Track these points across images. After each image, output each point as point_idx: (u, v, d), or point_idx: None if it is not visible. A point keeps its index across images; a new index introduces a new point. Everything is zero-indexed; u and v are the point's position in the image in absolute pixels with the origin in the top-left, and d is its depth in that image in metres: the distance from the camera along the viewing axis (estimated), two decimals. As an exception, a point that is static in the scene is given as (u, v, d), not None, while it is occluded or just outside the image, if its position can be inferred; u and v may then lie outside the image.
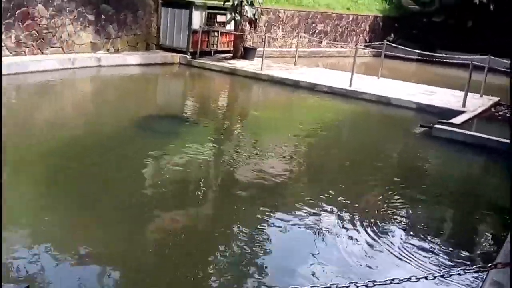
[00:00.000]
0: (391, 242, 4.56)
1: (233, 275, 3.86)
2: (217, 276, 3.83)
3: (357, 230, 4.71)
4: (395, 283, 2.53)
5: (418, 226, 5.03)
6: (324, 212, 5.08)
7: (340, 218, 4.99)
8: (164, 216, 4.76)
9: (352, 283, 2.46)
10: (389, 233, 4.77)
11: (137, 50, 14.01)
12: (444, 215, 5.62)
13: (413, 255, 4.33)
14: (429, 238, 4.73)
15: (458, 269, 2.76)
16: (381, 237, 4.61)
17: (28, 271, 3.57)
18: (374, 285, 2.45)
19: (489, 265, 2.87)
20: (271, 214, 4.92)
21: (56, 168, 5.71)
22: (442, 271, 2.80)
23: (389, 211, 5.25)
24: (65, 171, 5.62)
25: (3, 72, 9.93)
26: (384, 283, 2.49)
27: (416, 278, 2.60)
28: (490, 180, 7.11)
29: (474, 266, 2.97)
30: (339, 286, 2.37)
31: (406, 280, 2.56)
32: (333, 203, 5.33)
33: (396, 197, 5.69)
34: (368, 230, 4.70)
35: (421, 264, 4.18)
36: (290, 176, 6.25)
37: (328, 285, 2.41)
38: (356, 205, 5.34)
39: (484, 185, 6.87)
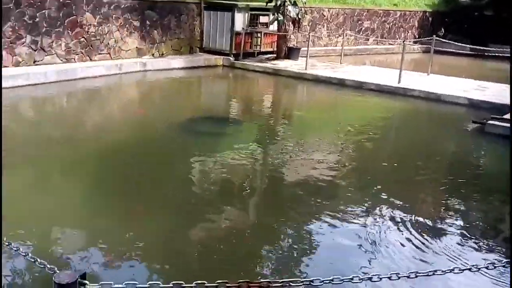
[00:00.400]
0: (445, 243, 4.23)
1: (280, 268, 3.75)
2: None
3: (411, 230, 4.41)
4: (437, 275, 2.39)
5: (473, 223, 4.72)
6: (376, 212, 4.78)
7: (394, 218, 4.67)
8: (212, 212, 4.69)
9: (394, 273, 2.34)
10: (443, 233, 4.44)
11: (181, 54, 14.07)
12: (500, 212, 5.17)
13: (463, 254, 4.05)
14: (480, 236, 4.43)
15: (503, 261, 2.54)
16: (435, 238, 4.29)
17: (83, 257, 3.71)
18: (417, 276, 2.34)
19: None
20: (321, 215, 4.66)
21: (108, 168, 5.83)
22: (486, 263, 2.59)
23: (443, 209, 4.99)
24: (118, 169, 5.77)
25: (54, 79, 10.20)
26: (427, 274, 2.36)
27: (459, 270, 2.45)
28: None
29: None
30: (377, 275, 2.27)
31: (448, 271, 2.39)
32: (384, 202, 5.00)
33: (449, 194, 5.43)
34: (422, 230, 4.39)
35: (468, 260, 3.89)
36: (340, 177, 5.91)
37: (350, 277, 2.27)
38: (409, 205, 4.99)
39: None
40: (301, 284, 2.34)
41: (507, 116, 8.38)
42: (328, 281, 2.17)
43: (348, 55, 17.23)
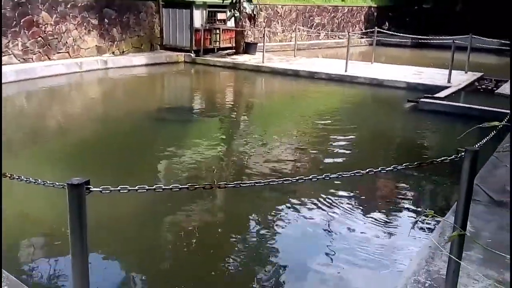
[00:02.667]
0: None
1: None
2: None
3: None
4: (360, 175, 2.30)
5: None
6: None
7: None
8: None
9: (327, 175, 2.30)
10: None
11: (142, 51, 13.61)
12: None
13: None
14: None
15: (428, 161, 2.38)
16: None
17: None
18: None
19: None
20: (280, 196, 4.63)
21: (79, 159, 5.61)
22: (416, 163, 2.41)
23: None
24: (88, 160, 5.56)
25: (13, 79, 9.59)
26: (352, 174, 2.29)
27: (383, 170, 2.30)
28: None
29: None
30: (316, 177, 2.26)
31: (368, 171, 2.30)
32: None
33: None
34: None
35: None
36: (295, 157, 5.99)
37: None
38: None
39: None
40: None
41: (438, 94, 9.23)
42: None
43: (302, 50, 17.26)
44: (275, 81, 12.28)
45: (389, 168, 2.29)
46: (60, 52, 11.52)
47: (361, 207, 4.50)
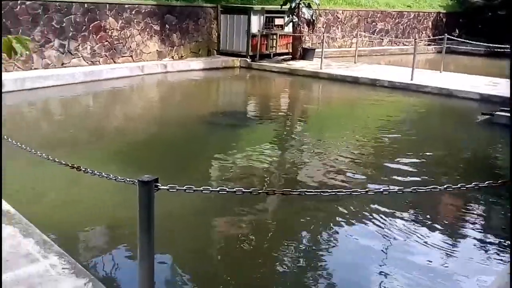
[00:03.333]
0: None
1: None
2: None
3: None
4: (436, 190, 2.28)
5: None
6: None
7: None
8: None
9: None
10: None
11: (199, 56, 14.56)
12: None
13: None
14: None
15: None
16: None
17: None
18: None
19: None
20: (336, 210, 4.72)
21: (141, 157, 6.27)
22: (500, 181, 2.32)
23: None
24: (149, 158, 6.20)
25: (82, 80, 10.76)
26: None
27: (463, 186, 2.25)
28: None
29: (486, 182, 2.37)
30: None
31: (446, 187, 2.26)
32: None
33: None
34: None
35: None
36: (358, 170, 6.00)
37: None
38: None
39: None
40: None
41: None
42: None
43: (363, 56, 17.52)
44: (333, 88, 12.58)
45: (470, 186, 2.22)
46: (124, 56, 12.68)
47: (425, 228, 4.40)
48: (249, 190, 2.31)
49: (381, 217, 4.53)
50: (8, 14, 10.05)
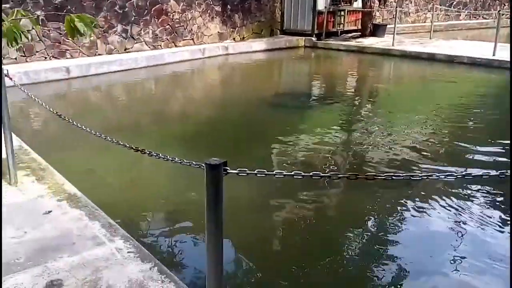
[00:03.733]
0: None
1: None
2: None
3: None
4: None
5: None
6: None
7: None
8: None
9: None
10: None
11: (261, 37, 14.42)
12: None
13: None
14: None
15: None
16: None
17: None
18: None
19: None
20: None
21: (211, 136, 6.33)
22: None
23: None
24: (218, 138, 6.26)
25: (144, 64, 11.01)
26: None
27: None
28: None
29: None
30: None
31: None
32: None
33: None
34: None
35: None
36: (431, 158, 5.60)
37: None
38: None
39: None
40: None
41: None
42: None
43: (438, 31, 16.57)
44: (406, 66, 12.03)
45: None
46: (185, 39, 12.81)
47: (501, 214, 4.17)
48: (327, 174, 2.16)
49: (454, 202, 4.35)
50: (72, 0, 10.47)
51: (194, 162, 2.25)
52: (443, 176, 2.08)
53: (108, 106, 8.53)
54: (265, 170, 2.11)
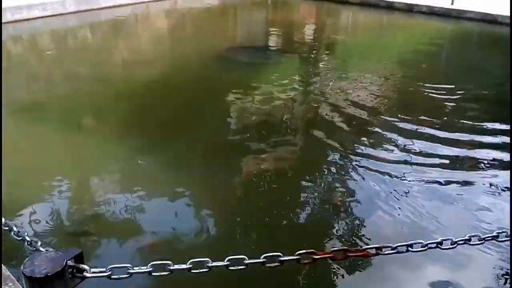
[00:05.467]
0: None
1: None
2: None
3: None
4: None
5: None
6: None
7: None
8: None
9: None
10: None
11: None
12: None
13: None
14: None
15: None
16: None
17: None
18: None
19: None
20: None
21: (149, 100, 5.51)
22: None
23: None
24: (157, 102, 5.43)
25: (73, 9, 9.80)
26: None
27: None
28: None
29: None
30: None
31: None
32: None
33: None
34: None
35: None
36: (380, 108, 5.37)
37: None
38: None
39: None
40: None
41: None
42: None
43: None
44: (363, 16, 11.20)
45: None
46: (125, -19, 11.65)
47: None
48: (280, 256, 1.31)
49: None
50: None
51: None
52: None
53: (33, 60, 7.58)
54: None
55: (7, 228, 1.42)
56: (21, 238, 1.37)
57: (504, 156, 4.18)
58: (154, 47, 8.30)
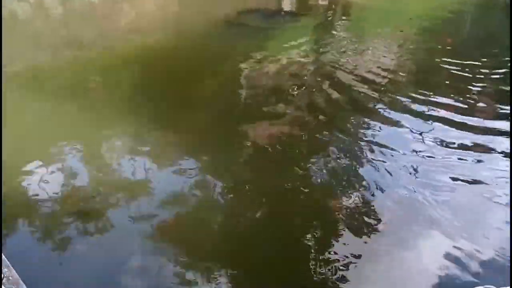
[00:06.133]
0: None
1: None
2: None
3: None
4: None
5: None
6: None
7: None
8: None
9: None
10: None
11: None
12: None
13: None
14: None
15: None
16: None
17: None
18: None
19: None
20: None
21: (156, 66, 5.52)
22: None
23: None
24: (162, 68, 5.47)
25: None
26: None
27: None
28: None
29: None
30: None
31: None
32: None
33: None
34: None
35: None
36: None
37: None
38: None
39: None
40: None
41: None
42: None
43: None
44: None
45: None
46: None
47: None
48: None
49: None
50: None
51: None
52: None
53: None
54: None
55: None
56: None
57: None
58: (162, 12, 8.18)
